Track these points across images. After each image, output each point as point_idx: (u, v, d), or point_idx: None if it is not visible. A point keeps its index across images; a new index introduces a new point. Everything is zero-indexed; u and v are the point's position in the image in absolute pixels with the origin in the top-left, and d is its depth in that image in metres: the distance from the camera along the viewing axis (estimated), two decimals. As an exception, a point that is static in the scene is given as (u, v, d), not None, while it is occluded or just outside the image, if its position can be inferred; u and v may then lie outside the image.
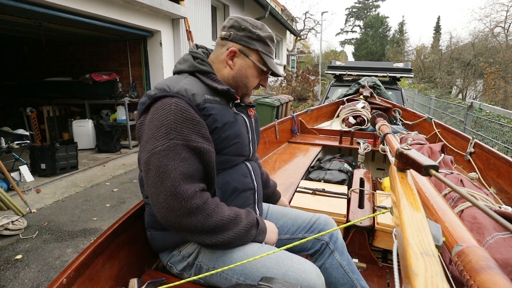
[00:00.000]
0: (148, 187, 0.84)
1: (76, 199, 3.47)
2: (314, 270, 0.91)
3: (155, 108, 0.87)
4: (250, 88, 1.05)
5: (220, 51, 1.01)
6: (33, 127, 5.68)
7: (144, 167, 0.85)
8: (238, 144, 0.99)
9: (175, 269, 1.01)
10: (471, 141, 2.04)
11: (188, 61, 1.00)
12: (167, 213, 0.81)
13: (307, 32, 23.05)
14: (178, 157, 0.82)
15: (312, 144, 2.86)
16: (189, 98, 0.88)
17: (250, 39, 0.99)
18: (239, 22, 0.99)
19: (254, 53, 1.00)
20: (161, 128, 0.83)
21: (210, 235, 0.86)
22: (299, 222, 1.19)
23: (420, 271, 0.37)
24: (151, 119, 0.87)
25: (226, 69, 1.01)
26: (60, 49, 6.29)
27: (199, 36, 6.17)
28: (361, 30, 37.52)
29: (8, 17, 3.67)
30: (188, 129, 0.84)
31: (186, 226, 0.83)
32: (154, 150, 0.82)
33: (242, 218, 0.92)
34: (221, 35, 1.01)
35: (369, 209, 1.61)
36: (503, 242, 0.90)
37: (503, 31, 15.41)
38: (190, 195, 0.81)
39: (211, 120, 0.91)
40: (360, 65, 5.64)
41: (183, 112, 0.85)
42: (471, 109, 5.61)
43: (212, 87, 0.95)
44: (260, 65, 1.01)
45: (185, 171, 0.82)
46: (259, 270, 0.89)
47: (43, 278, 2.14)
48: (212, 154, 0.89)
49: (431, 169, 0.58)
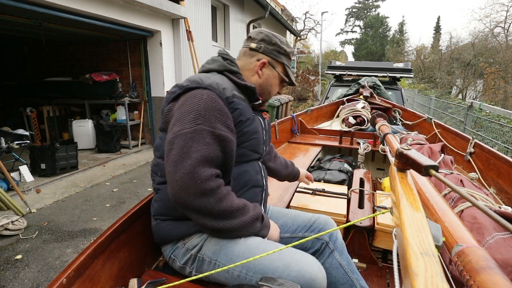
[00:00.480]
0: (168, 165, 0.87)
1: (76, 199, 3.47)
2: (316, 263, 0.92)
3: (187, 96, 0.93)
4: (272, 95, 1.18)
5: (249, 60, 1.12)
6: (33, 127, 5.68)
7: (167, 146, 0.89)
8: (255, 140, 1.07)
9: (178, 262, 1.01)
10: (471, 141, 2.04)
11: (218, 61, 1.09)
12: (181, 191, 0.84)
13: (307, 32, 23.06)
14: (202, 141, 0.87)
15: (312, 144, 2.86)
16: (220, 91, 0.96)
17: (278, 53, 1.12)
18: (269, 37, 1.11)
19: (280, 66, 1.14)
20: (190, 114, 0.89)
21: (217, 220, 0.89)
22: (299, 221, 1.20)
23: (420, 271, 0.37)
24: (181, 105, 0.92)
25: (254, 77, 1.11)
26: (60, 49, 6.29)
27: (199, 36, 6.17)
28: (361, 30, 37.53)
29: (8, 17, 3.67)
30: (215, 118, 0.90)
31: (196, 207, 0.85)
32: (181, 131, 0.87)
33: (249, 209, 0.95)
34: (250, 46, 1.11)
35: (369, 209, 1.61)
36: (503, 242, 0.90)
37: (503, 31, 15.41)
38: (207, 177, 0.85)
39: (237, 113, 0.98)
40: (360, 65, 5.64)
41: (213, 102, 0.92)
42: (471, 109, 5.61)
43: (240, 85, 1.04)
44: (284, 76, 1.14)
45: (206, 154, 0.86)
46: (262, 262, 0.90)
47: (43, 278, 2.14)
48: (233, 144, 0.95)
49: (431, 169, 0.58)
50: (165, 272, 1.11)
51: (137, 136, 5.80)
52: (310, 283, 0.86)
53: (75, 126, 5.43)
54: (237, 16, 8.00)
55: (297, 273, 0.87)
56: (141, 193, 3.69)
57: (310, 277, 0.87)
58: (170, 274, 1.09)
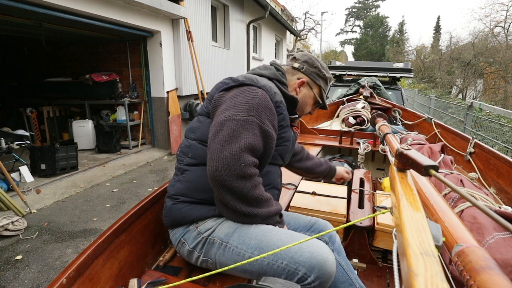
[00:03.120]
0: (214, 143, 0.90)
1: (76, 199, 3.47)
2: (326, 248, 0.95)
3: (241, 90, 1.01)
4: (305, 113, 1.29)
5: (290, 77, 1.22)
6: (33, 128, 5.68)
7: (217, 127, 0.93)
8: (285, 147, 1.15)
9: (188, 246, 1.03)
10: (471, 141, 2.04)
11: (270, 69, 1.17)
12: (223, 169, 0.87)
13: (307, 32, 23.07)
14: (252, 130, 0.93)
15: (312, 144, 2.86)
16: (272, 94, 1.04)
17: (317, 76, 1.23)
18: (312, 60, 1.23)
19: (317, 88, 1.24)
20: (245, 104, 0.95)
21: (246, 204, 0.94)
22: (299, 222, 1.25)
23: (420, 271, 0.37)
24: (235, 95, 0.99)
25: (292, 93, 1.19)
26: (60, 49, 6.29)
27: (199, 36, 6.17)
28: (361, 30, 37.52)
29: (8, 18, 3.67)
30: (265, 114, 0.98)
31: (233, 187, 0.89)
32: (234, 116, 0.93)
33: (273, 203, 1.02)
34: (293, 65, 1.23)
35: (369, 209, 1.61)
36: (503, 242, 0.90)
37: (503, 31, 15.41)
38: (250, 163, 0.90)
39: (281, 118, 1.07)
40: (360, 65, 5.64)
41: (266, 101, 0.99)
42: (471, 109, 5.61)
43: (287, 95, 1.13)
44: (318, 98, 1.25)
45: (253, 143, 0.92)
46: (275, 243, 0.93)
47: (43, 278, 2.14)
48: (274, 141, 1.03)
49: (431, 169, 0.58)
50: (165, 272, 1.11)
51: (137, 136, 5.80)
52: (321, 264, 0.89)
53: (75, 126, 5.42)
54: (237, 16, 8.00)
55: (310, 254, 0.90)
56: (141, 193, 3.69)
57: (322, 259, 0.90)
58: (170, 274, 1.09)
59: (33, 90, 6.38)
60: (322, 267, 0.89)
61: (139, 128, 5.75)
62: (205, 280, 1.06)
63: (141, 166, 4.80)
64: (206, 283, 1.05)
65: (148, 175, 4.37)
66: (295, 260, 0.89)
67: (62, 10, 3.56)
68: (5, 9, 3.32)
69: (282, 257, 0.91)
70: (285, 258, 0.90)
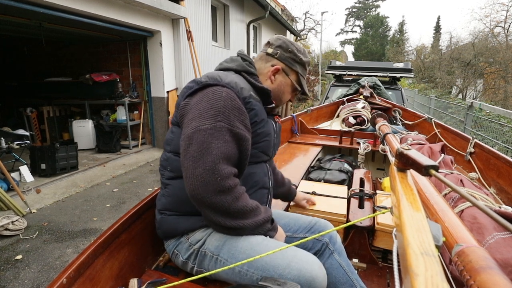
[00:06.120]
0: (186, 160, 0.86)
1: (76, 199, 3.47)
2: (317, 263, 0.93)
3: (205, 93, 0.94)
4: (283, 102, 1.19)
5: (264, 65, 1.12)
6: (33, 128, 5.68)
7: (186, 141, 0.88)
8: (267, 142, 1.08)
9: (181, 257, 1.02)
10: (471, 141, 2.04)
11: (236, 61, 1.08)
12: (200, 186, 0.84)
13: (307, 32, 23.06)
14: (222, 138, 0.87)
15: (312, 144, 2.86)
16: (238, 90, 0.96)
17: (293, 61, 1.12)
18: (287, 44, 1.11)
19: (293, 74, 1.14)
20: (210, 110, 0.89)
21: (231, 218, 0.90)
22: (300, 222, 1.22)
23: (420, 271, 0.37)
24: (199, 100, 0.92)
25: (267, 82, 1.11)
26: (60, 49, 6.29)
27: (199, 36, 6.17)
28: (361, 30, 37.52)
29: (8, 18, 3.67)
30: (234, 116, 0.91)
31: (214, 203, 0.86)
32: (201, 127, 0.87)
33: (261, 211, 0.97)
34: (267, 51, 1.12)
35: (369, 209, 1.61)
36: (503, 242, 0.90)
37: (503, 31, 15.40)
38: (227, 175, 0.86)
39: (253, 114, 1.00)
40: (360, 65, 5.64)
41: (232, 100, 0.92)
42: (471, 109, 5.61)
43: (257, 87, 1.04)
44: (296, 85, 1.15)
45: (226, 152, 0.87)
46: (263, 259, 0.91)
47: (43, 278, 2.14)
48: (249, 143, 0.96)
49: (431, 169, 0.58)
50: (165, 272, 1.11)
51: (137, 136, 5.80)
52: (310, 282, 0.87)
53: (75, 126, 5.43)
54: (237, 16, 8.00)
55: (298, 272, 0.87)
56: (141, 193, 3.69)
57: (311, 276, 0.87)
58: (170, 274, 1.09)
59: (33, 90, 6.38)
60: (311, 285, 0.87)
61: (139, 128, 5.75)
62: (205, 280, 1.06)
63: (141, 166, 4.81)
64: (206, 283, 1.05)
65: (148, 175, 4.37)
66: (284, 277, 0.87)
67: (62, 10, 3.56)
68: (5, 9, 3.32)
69: (270, 274, 0.89)
70: (273, 275, 0.88)
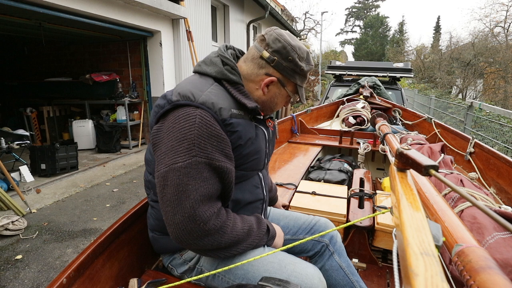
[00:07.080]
0: (164, 204, 0.79)
1: (76, 199, 3.47)
2: (317, 275, 0.91)
3: (176, 117, 0.80)
4: (274, 111, 1.03)
5: (256, 71, 0.92)
6: (33, 128, 5.68)
7: (161, 182, 0.79)
8: (256, 160, 0.96)
9: (176, 272, 1.01)
10: (471, 141, 2.04)
11: (216, 65, 0.90)
12: (183, 235, 0.78)
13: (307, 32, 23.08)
14: (199, 176, 0.77)
15: (312, 144, 2.86)
16: (215, 111, 0.81)
17: (293, 72, 0.92)
18: (287, 50, 0.89)
19: (291, 85, 0.96)
20: (183, 142, 0.77)
21: (224, 250, 0.87)
22: (299, 223, 1.20)
23: (420, 271, 0.37)
24: (171, 128, 0.79)
25: (258, 91, 0.94)
26: (60, 49, 6.30)
27: (199, 36, 6.17)
28: (361, 30, 37.52)
29: (8, 18, 3.67)
30: (212, 146, 0.79)
31: (201, 246, 0.82)
32: (174, 165, 0.76)
33: (254, 229, 0.92)
34: (262, 53, 0.90)
35: (369, 209, 1.61)
36: (503, 242, 0.90)
37: (503, 31, 15.40)
38: (209, 217, 0.78)
39: (236, 137, 0.86)
40: (360, 65, 5.64)
41: (208, 127, 0.79)
42: (471, 109, 5.61)
43: (240, 102, 0.88)
44: (292, 95, 0.98)
45: (205, 192, 0.78)
46: (261, 274, 0.89)
47: (43, 278, 2.14)
48: (233, 173, 0.86)
49: (431, 169, 0.58)
50: (165, 272, 1.11)
51: (137, 136, 5.80)
52: None
53: (75, 126, 5.43)
54: (237, 16, 8.00)
55: None
56: (141, 193, 3.69)
57: None
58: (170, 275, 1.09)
59: (33, 90, 6.39)
60: None
61: (139, 128, 5.75)
62: None
63: (141, 166, 4.80)
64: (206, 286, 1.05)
65: (148, 175, 4.37)
66: None
67: (62, 10, 3.56)
68: (5, 9, 3.32)
69: None
70: None
